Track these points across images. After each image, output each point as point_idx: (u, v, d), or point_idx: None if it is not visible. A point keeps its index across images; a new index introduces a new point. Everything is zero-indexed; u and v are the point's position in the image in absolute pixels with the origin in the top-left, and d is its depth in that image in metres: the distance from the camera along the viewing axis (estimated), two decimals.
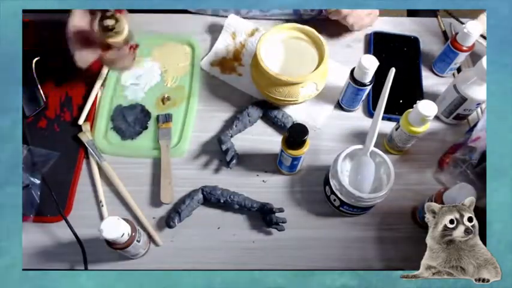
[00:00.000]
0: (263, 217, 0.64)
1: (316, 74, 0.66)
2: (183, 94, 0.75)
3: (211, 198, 0.64)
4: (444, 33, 0.85)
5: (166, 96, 0.74)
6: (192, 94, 0.75)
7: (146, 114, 0.73)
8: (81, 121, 0.71)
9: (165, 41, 0.81)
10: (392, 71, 0.58)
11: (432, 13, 0.88)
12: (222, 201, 0.64)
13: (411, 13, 0.96)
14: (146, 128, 0.72)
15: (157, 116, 0.72)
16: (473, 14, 0.76)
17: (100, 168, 0.68)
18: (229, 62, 0.79)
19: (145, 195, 0.67)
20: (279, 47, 0.71)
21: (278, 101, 0.70)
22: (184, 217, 0.64)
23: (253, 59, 0.70)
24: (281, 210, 0.64)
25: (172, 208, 0.65)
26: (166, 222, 0.63)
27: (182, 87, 0.76)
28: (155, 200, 0.66)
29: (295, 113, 0.73)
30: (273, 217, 0.63)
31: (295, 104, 0.71)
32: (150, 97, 0.75)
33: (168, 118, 0.72)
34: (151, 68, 0.78)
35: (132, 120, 0.72)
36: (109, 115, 0.73)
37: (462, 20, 0.84)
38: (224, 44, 0.81)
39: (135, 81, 0.76)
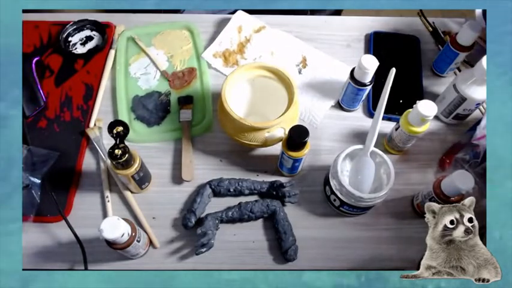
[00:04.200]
0: (275, 194, 0.65)
1: (283, 118, 0.61)
2: (194, 74, 0.77)
3: (221, 190, 0.65)
4: (432, 33, 0.84)
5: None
6: (203, 72, 0.77)
7: (164, 99, 0.74)
8: (91, 124, 0.71)
9: (163, 29, 0.82)
10: (393, 71, 0.58)
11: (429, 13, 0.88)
12: (231, 190, 0.64)
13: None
14: (169, 111, 0.73)
15: (179, 99, 0.74)
16: (472, 14, 0.75)
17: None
18: (232, 55, 0.79)
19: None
20: (247, 87, 0.68)
21: (244, 145, 0.65)
22: (200, 214, 0.63)
23: (219, 100, 0.64)
24: (291, 183, 0.64)
25: (186, 209, 0.65)
26: (183, 223, 0.63)
27: (192, 68, 0.78)
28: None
29: None
30: (285, 191, 0.64)
31: (263, 147, 0.66)
32: (164, 83, 0.77)
33: (188, 100, 0.73)
34: (157, 55, 0.79)
35: (152, 107, 0.73)
36: (128, 107, 0.74)
37: (460, 19, 0.84)
38: (229, 36, 0.81)
39: (144, 71, 0.78)
